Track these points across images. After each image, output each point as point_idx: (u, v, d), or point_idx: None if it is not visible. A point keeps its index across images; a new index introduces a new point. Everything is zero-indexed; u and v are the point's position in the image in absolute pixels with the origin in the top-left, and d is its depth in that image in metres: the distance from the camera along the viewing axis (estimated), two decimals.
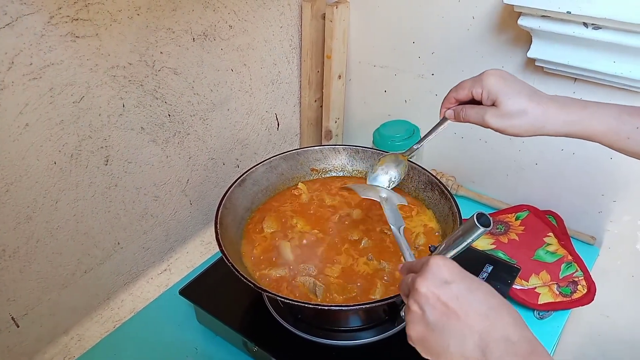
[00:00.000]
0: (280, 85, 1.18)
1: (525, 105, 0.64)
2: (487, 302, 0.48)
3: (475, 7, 0.98)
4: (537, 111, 0.64)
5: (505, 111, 0.65)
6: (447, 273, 0.50)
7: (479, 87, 0.66)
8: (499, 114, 0.65)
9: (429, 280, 0.49)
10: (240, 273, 0.70)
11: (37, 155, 0.74)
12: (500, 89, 0.65)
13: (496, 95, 0.65)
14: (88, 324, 0.94)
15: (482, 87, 0.66)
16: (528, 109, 0.64)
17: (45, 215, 0.79)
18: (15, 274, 0.78)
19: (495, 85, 0.65)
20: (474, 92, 0.67)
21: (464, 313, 0.47)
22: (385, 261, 0.81)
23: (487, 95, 0.66)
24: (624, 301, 1.11)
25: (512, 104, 0.64)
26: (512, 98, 0.64)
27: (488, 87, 0.65)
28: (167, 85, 0.90)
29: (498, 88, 0.65)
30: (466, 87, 0.68)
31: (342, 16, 1.14)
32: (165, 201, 0.99)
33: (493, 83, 0.65)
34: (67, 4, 0.71)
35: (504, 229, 1.05)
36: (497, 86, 0.65)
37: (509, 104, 0.64)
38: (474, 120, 0.68)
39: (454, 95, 0.70)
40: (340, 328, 0.80)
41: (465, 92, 0.68)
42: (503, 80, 0.65)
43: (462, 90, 0.69)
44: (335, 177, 0.99)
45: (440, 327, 0.47)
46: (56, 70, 0.73)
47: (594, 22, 0.80)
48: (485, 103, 0.67)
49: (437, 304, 0.48)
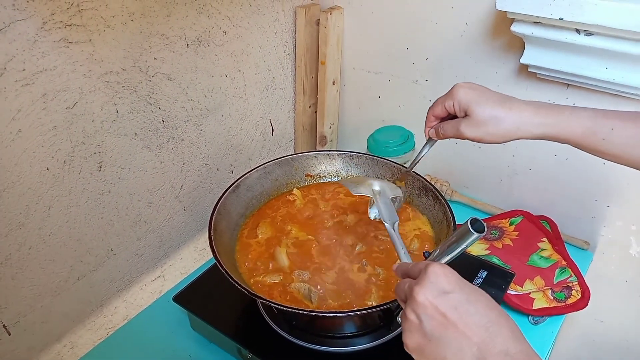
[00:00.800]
0: (275, 91, 1.18)
1: (497, 111, 0.66)
2: (486, 314, 0.48)
3: (468, 14, 0.99)
4: (509, 116, 0.66)
5: (477, 119, 0.67)
6: (446, 282, 0.49)
7: (450, 100, 0.69)
8: (472, 123, 0.67)
9: (427, 289, 0.49)
10: (234, 280, 0.70)
11: (29, 162, 0.74)
12: (471, 99, 0.67)
13: (467, 105, 0.67)
14: (81, 331, 0.93)
15: (453, 100, 0.68)
16: (499, 115, 0.66)
17: (37, 222, 0.78)
18: (7, 281, 0.77)
19: (465, 96, 0.67)
20: (446, 106, 0.69)
21: (463, 324, 0.47)
22: (380, 267, 0.80)
23: (458, 106, 0.68)
24: (618, 306, 1.11)
25: (482, 111, 0.66)
26: (483, 106, 0.66)
27: (458, 98, 0.68)
28: (161, 91, 0.90)
29: (468, 98, 0.67)
30: (439, 102, 0.71)
31: (336, 22, 1.15)
32: (158, 207, 0.99)
33: (463, 94, 0.67)
34: (61, 9, 0.70)
35: (498, 235, 1.05)
36: (467, 96, 0.67)
37: (480, 112, 0.66)
38: (451, 134, 0.70)
39: (431, 113, 0.73)
40: (335, 334, 0.80)
41: (440, 108, 0.71)
42: (472, 91, 0.67)
43: (437, 107, 0.71)
44: (330, 183, 0.99)
45: (438, 337, 0.47)
46: (49, 76, 0.72)
47: (586, 28, 0.80)
48: (459, 115, 0.69)
49: (435, 314, 0.48)
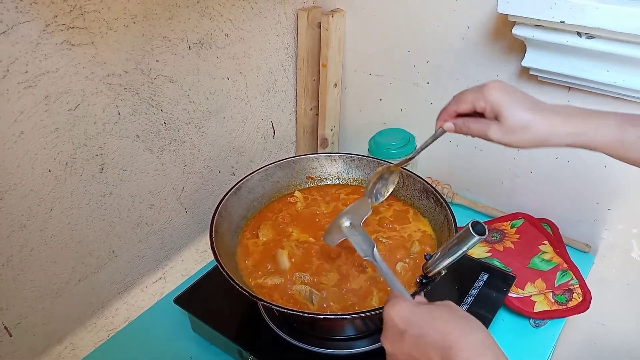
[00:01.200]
0: (276, 93, 1.18)
1: (529, 120, 0.63)
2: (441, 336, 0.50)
3: (470, 17, 0.99)
4: (540, 125, 0.63)
5: (509, 126, 0.63)
6: (400, 322, 0.54)
7: (481, 100, 0.64)
8: (502, 129, 0.64)
9: (387, 338, 0.55)
10: (235, 282, 0.70)
11: (31, 163, 0.74)
12: (504, 103, 0.63)
13: (500, 110, 0.63)
14: (82, 333, 0.93)
15: (485, 101, 0.64)
16: (532, 124, 0.63)
17: (39, 224, 0.78)
18: (9, 282, 0.77)
19: (498, 99, 0.63)
20: (476, 106, 0.65)
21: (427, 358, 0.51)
22: None
23: (490, 109, 0.64)
24: (620, 309, 1.11)
25: (515, 119, 0.63)
26: (516, 113, 0.63)
27: (491, 101, 0.64)
28: (162, 93, 0.90)
29: (501, 102, 0.63)
30: (468, 100, 0.66)
31: (337, 25, 1.15)
32: (160, 209, 0.99)
33: (496, 97, 0.63)
34: (63, 12, 0.71)
35: (499, 237, 1.05)
36: (501, 100, 0.63)
37: (512, 119, 0.63)
38: (476, 134, 0.67)
39: (454, 108, 0.68)
40: (336, 337, 0.80)
41: (468, 106, 0.66)
42: (506, 94, 0.64)
43: (464, 104, 0.66)
44: (331, 185, 1.00)
45: None
46: (52, 78, 0.73)
47: (587, 31, 0.80)
48: (488, 117, 0.65)
49: (403, 357, 0.53)
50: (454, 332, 0.50)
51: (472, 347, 0.49)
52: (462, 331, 0.50)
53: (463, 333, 0.50)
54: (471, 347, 0.49)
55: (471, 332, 0.50)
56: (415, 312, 0.54)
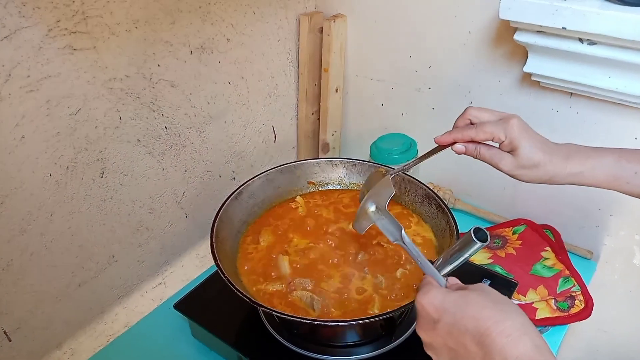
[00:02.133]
0: (278, 98, 1.18)
1: (541, 160, 0.67)
2: (476, 322, 0.50)
3: (471, 22, 0.99)
4: (548, 166, 0.67)
5: (521, 162, 0.67)
6: (433, 311, 0.53)
7: (502, 134, 0.67)
8: (515, 164, 0.68)
9: (421, 328, 0.54)
10: (235, 287, 0.70)
11: (32, 168, 0.74)
12: (522, 141, 0.66)
13: (517, 146, 0.67)
14: (81, 338, 0.93)
15: (506, 135, 0.67)
16: (541, 164, 0.67)
17: (40, 228, 0.78)
18: (9, 286, 0.77)
19: (518, 137, 0.66)
20: (495, 138, 0.68)
21: (462, 347, 0.50)
22: (382, 275, 0.80)
23: (508, 143, 0.67)
24: (622, 316, 1.11)
25: (529, 157, 0.67)
26: (531, 151, 0.67)
27: (511, 137, 0.67)
28: (164, 98, 0.90)
29: (520, 140, 0.66)
30: (488, 131, 0.68)
31: (339, 30, 1.15)
32: (160, 214, 0.99)
33: (518, 132, 0.66)
34: (66, 17, 0.71)
35: (501, 243, 1.05)
36: (520, 138, 0.66)
37: (527, 157, 0.67)
38: (487, 161, 0.70)
39: (471, 135, 0.69)
40: (336, 343, 0.79)
41: (487, 136, 0.68)
42: (525, 131, 0.67)
43: (484, 134, 0.68)
44: (332, 190, 0.99)
45: None
46: (53, 82, 0.73)
47: (589, 37, 0.80)
48: (504, 148, 0.68)
49: (441, 347, 0.53)
50: (489, 318, 0.49)
51: (509, 333, 0.48)
52: (498, 317, 0.49)
53: (499, 319, 0.49)
54: (507, 333, 0.48)
55: (507, 318, 0.49)
56: (448, 299, 0.53)
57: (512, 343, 0.47)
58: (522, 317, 0.50)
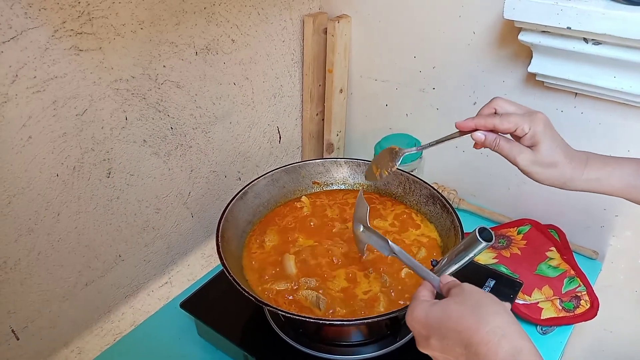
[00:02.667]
0: (282, 98, 1.19)
1: (560, 160, 0.66)
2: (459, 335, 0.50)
3: (476, 22, 0.99)
4: (566, 167, 0.66)
5: (541, 159, 0.66)
6: (421, 328, 0.54)
7: (527, 126, 0.65)
8: (533, 159, 0.66)
9: (419, 344, 0.55)
10: (241, 287, 0.70)
11: (39, 168, 0.75)
12: (544, 137, 0.65)
13: (539, 140, 0.65)
14: (88, 337, 0.93)
15: (530, 127, 0.65)
16: (560, 164, 0.66)
17: (46, 228, 0.79)
18: (16, 286, 0.78)
19: (542, 131, 0.65)
20: (519, 129, 0.66)
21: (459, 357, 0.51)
22: (387, 274, 0.80)
23: (530, 136, 0.65)
24: (627, 317, 1.10)
25: (549, 154, 0.65)
26: (552, 148, 0.65)
27: (535, 130, 0.65)
28: (169, 99, 0.91)
29: (543, 135, 0.65)
30: (513, 121, 0.66)
31: (343, 31, 1.15)
32: (166, 214, 0.99)
33: (543, 127, 0.65)
34: (71, 17, 0.71)
35: (506, 243, 1.05)
36: (543, 133, 0.65)
37: (547, 153, 0.65)
38: (504, 154, 0.68)
39: (495, 123, 0.67)
40: (341, 343, 0.80)
41: (511, 126, 0.66)
42: (549, 129, 0.66)
43: (508, 124, 0.66)
44: (337, 190, 1.00)
45: None
46: (59, 83, 0.73)
47: (594, 37, 0.80)
48: (525, 142, 0.66)
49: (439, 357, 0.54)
50: (468, 328, 0.50)
51: (487, 340, 0.48)
52: (476, 325, 0.50)
53: (477, 327, 0.49)
54: (486, 340, 0.48)
55: (485, 323, 0.49)
56: (431, 315, 0.54)
57: (492, 350, 0.48)
58: (500, 318, 0.50)
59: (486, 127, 0.68)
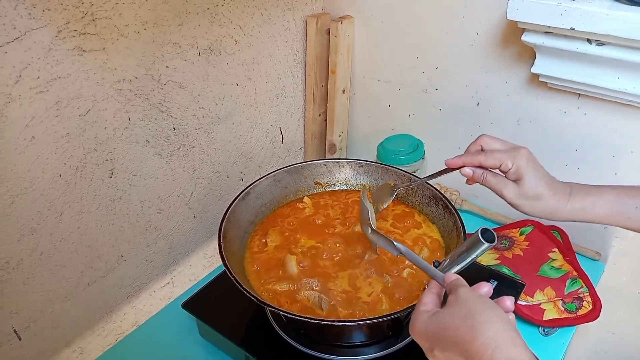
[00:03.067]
0: (285, 99, 1.19)
1: (544, 193, 0.69)
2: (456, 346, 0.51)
3: (479, 23, 0.99)
4: (550, 200, 0.69)
5: (524, 192, 0.69)
6: (423, 339, 0.56)
7: (510, 162, 0.69)
8: (518, 193, 0.70)
9: (426, 354, 0.56)
10: (243, 287, 0.70)
11: (42, 168, 0.75)
12: (527, 172, 0.68)
13: (523, 176, 0.69)
14: (90, 337, 0.94)
15: (513, 163, 0.69)
16: (544, 197, 0.69)
17: (49, 228, 0.79)
18: (19, 286, 0.78)
19: (525, 167, 0.68)
20: (503, 165, 0.70)
21: None
22: (389, 275, 0.80)
23: (514, 171, 0.69)
24: (630, 318, 1.10)
25: (532, 188, 0.69)
26: (535, 183, 0.69)
27: (518, 165, 0.68)
28: (172, 99, 0.91)
29: (526, 170, 0.68)
30: (497, 157, 0.70)
31: (346, 31, 1.15)
32: (169, 214, 1.00)
33: (524, 164, 0.68)
34: (75, 18, 0.72)
35: (508, 244, 1.05)
36: (527, 167, 0.68)
37: (530, 187, 0.69)
38: (491, 187, 0.72)
39: (481, 160, 0.71)
40: (343, 343, 0.79)
41: (495, 162, 0.70)
42: (532, 163, 0.69)
43: (493, 161, 0.70)
44: (339, 191, 0.99)
45: None
46: (63, 83, 0.73)
47: (597, 38, 0.80)
48: (510, 177, 0.70)
49: None
50: (464, 340, 0.51)
51: (482, 352, 0.49)
52: (470, 336, 0.50)
53: (471, 337, 0.50)
54: (481, 352, 0.49)
55: (479, 334, 0.50)
56: (430, 326, 0.55)
57: None
58: (493, 327, 0.50)
59: (473, 164, 0.72)
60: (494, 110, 1.06)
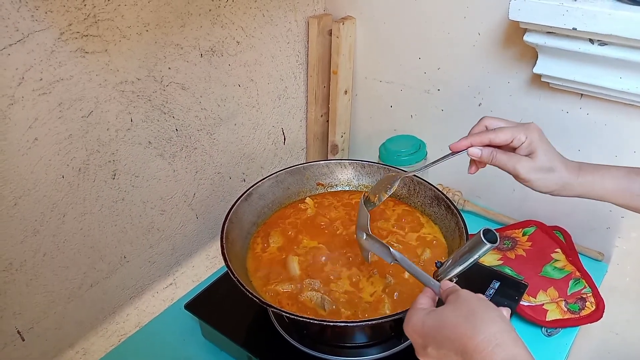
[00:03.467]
0: (287, 100, 1.19)
1: (557, 165, 0.69)
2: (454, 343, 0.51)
3: (480, 23, 0.99)
4: (563, 172, 0.69)
5: (539, 164, 0.68)
6: (417, 336, 0.55)
7: (523, 135, 0.68)
8: (532, 166, 0.68)
9: (418, 352, 0.56)
10: (245, 288, 0.70)
11: (45, 169, 0.75)
12: (541, 144, 0.68)
13: (536, 148, 0.68)
14: (93, 338, 0.94)
15: (526, 137, 0.68)
16: (557, 168, 0.69)
17: (52, 229, 0.79)
18: (22, 287, 0.78)
19: (537, 139, 0.68)
20: (515, 139, 0.68)
21: None
22: (391, 275, 0.80)
23: (528, 144, 0.68)
24: (633, 318, 1.10)
25: (546, 159, 0.68)
26: (549, 154, 0.68)
27: (531, 138, 0.68)
28: (174, 100, 0.91)
29: (539, 142, 0.68)
30: (508, 132, 0.68)
31: (348, 32, 1.15)
32: (171, 215, 1.00)
33: (537, 135, 0.68)
34: (77, 20, 0.72)
35: (511, 245, 1.05)
36: (539, 140, 0.68)
37: (545, 158, 0.68)
38: (503, 166, 0.70)
39: (490, 137, 0.69)
40: (345, 344, 0.79)
41: (507, 137, 0.68)
42: (543, 137, 0.69)
43: (503, 135, 0.68)
44: (341, 192, 0.99)
45: None
46: (65, 85, 0.73)
47: (599, 38, 0.80)
48: (521, 152, 0.69)
49: None
50: (463, 336, 0.50)
51: (482, 348, 0.49)
52: (471, 333, 0.50)
53: (472, 334, 0.50)
54: (481, 349, 0.49)
55: (479, 332, 0.50)
56: (427, 323, 0.54)
57: (487, 359, 0.48)
58: (496, 325, 0.50)
59: (482, 143, 0.70)
60: (496, 111, 1.06)
